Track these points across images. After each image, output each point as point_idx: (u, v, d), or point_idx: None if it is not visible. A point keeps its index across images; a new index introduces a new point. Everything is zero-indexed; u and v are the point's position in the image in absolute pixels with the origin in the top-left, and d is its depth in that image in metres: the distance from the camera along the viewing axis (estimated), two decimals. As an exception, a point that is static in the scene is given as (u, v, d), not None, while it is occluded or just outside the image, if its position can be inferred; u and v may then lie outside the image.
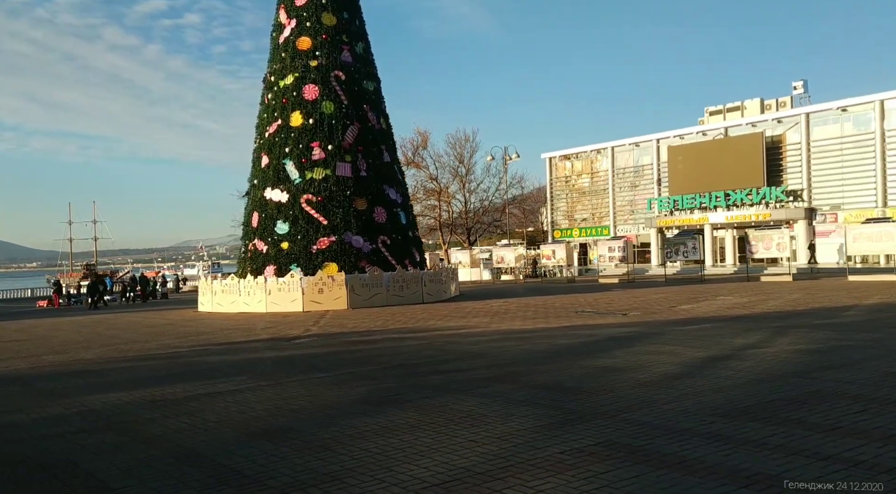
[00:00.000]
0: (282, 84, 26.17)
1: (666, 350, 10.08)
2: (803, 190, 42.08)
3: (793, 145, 43.19)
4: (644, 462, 4.71)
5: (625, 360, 9.29)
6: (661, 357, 9.42)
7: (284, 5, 26.99)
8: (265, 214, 25.32)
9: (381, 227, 25.41)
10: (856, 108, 40.49)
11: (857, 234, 25.62)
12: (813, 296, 19.32)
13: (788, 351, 9.47)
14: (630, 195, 51.83)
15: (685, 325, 13.57)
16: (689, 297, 20.98)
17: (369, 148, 25.98)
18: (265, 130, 26.28)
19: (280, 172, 25.30)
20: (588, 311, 17.73)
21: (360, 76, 26.73)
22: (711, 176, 44.99)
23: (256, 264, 25.14)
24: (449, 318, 17.56)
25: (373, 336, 14.31)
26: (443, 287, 26.32)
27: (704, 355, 9.47)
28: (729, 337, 11.31)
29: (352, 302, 23.11)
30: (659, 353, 9.76)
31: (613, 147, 52.56)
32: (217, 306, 25.26)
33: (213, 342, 14.66)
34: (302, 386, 8.63)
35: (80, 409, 7.76)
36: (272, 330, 16.77)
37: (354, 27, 27.25)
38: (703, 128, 48.21)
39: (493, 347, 11.47)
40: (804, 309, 15.84)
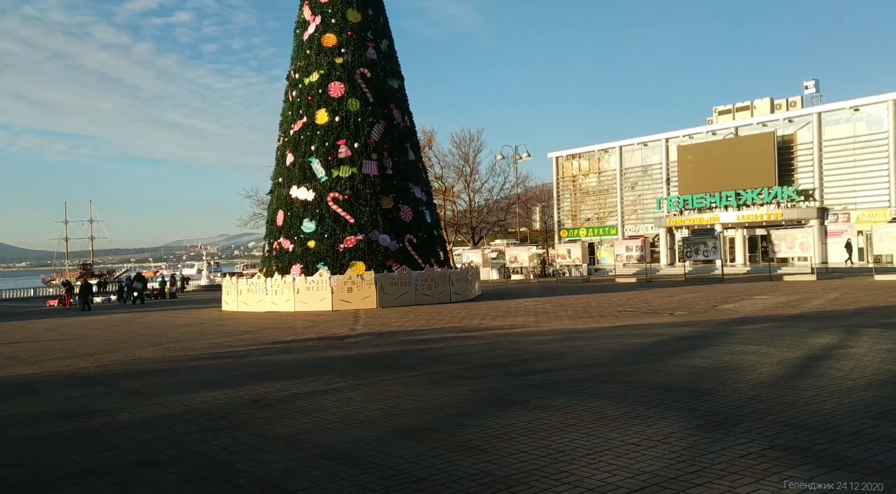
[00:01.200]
0: (307, 81, 25.98)
1: (751, 349, 9.99)
2: (815, 189, 42.22)
3: (804, 145, 43.33)
4: (838, 469, 4.60)
5: (718, 360, 9.19)
6: (752, 357, 9.34)
7: (308, 2, 26.79)
8: (291, 212, 25.13)
9: (408, 226, 25.28)
10: (868, 108, 40.66)
11: (883, 234, 25.69)
12: (853, 296, 19.31)
13: (881, 351, 9.40)
14: (638, 194, 51.85)
15: (744, 325, 13.50)
16: (724, 297, 20.94)
17: (395, 146, 25.84)
18: (290, 128, 26.08)
19: (306, 170, 25.12)
20: (630, 311, 17.65)
21: (386, 74, 26.57)
22: (722, 175, 45.07)
23: (282, 263, 24.95)
24: (491, 317, 17.44)
25: (427, 335, 14.17)
26: (469, 286, 26.21)
27: (796, 355, 9.39)
28: (803, 336, 11.24)
29: (381, 301, 22.97)
30: (747, 353, 9.68)
31: (621, 146, 52.59)
32: (243, 305, 25.05)
33: (263, 341, 14.49)
34: (399, 384, 8.49)
35: (183, 409, 7.60)
36: (315, 329, 16.60)
37: (379, 24, 27.09)
38: (712, 127, 48.29)
39: (565, 347, 11.36)
40: (856, 309, 15.81)
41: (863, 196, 40.63)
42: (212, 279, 62.03)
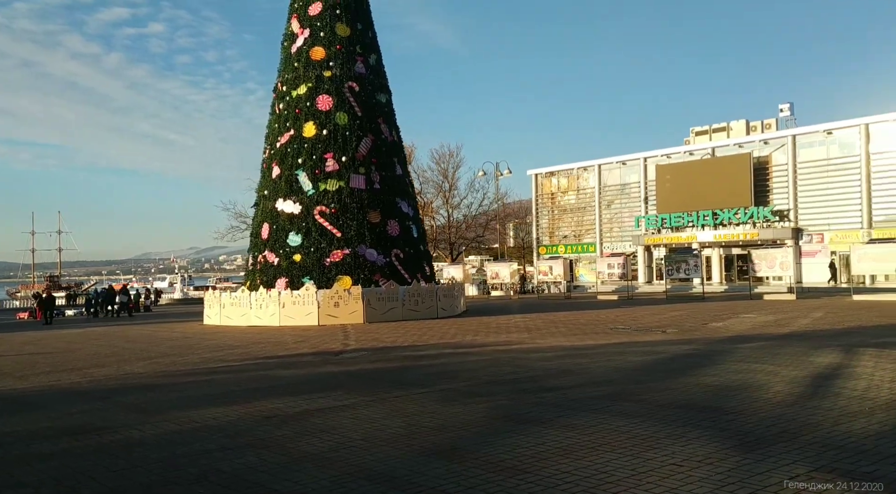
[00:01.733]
0: (294, 94, 25.82)
1: (757, 368, 10.04)
2: (790, 210, 42.98)
3: (779, 166, 44.14)
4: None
5: (728, 379, 9.21)
6: (761, 376, 9.37)
7: (297, 15, 26.70)
8: (276, 226, 24.84)
9: (395, 240, 25.14)
10: (841, 132, 41.60)
11: (861, 254, 26.20)
12: (837, 316, 19.60)
13: (888, 371, 9.50)
14: (615, 212, 52.33)
15: (740, 343, 13.59)
16: (711, 315, 21.12)
17: (382, 160, 25.74)
18: (276, 140, 25.85)
19: (293, 183, 24.88)
20: (621, 328, 17.70)
21: (374, 88, 26.52)
22: (699, 195, 45.67)
23: (267, 276, 24.61)
24: (483, 334, 17.34)
25: (424, 350, 14.02)
26: (455, 302, 26.12)
27: (804, 374, 9.45)
28: (804, 355, 11.33)
29: (368, 316, 22.76)
30: (754, 372, 9.71)
31: (600, 165, 53.06)
32: (226, 319, 24.61)
33: (257, 355, 14.21)
34: (412, 401, 8.34)
35: (194, 425, 7.37)
36: (307, 344, 16.35)
37: (368, 39, 27.08)
38: (690, 147, 48.99)
39: (569, 364, 11.30)
40: (845, 328, 16.03)
41: (836, 217, 41.44)
42: (186, 292, 61.02)
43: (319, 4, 26.25)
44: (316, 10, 26.25)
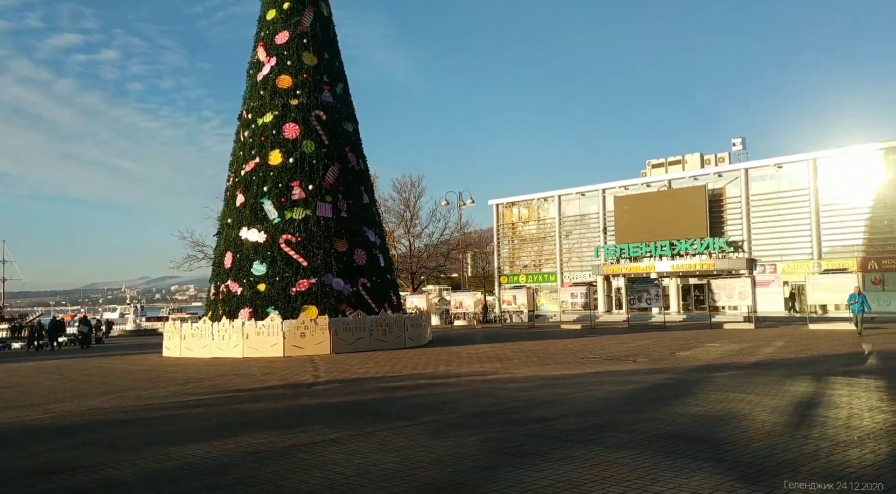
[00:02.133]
0: (260, 122, 25.60)
1: (736, 397, 10.14)
2: (744, 241, 44.17)
3: (733, 198, 45.44)
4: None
5: (712, 408, 9.27)
6: (743, 405, 9.45)
7: (264, 43, 26.60)
8: (240, 255, 24.38)
9: (362, 270, 24.90)
10: (790, 166, 43.13)
11: (816, 284, 26.99)
12: (798, 344, 20.04)
13: (862, 399, 9.70)
14: (574, 242, 53.00)
15: (713, 372, 13.75)
16: (677, 344, 21.39)
17: (349, 189, 25.61)
18: (241, 168, 25.51)
19: (258, 212, 24.53)
20: (592, 357, 17.76)
21: (341, 117, 26.50)
22: (656, 226, 46.61)
23: (230, 306, 24.04)
24: (456, 364, 17.19)
25: (399, 382, 13.80)
26: (423, 331, 25.92)
27: (784, 403, 9.57)
28: (777, 384, 11.50)
29: (335, 346, 22.38)
30: (735, 401, 9.80)
31: (560, 195, 53.82)
32: (186, 351, 23.89)
33: (226, 388, 13.78)
34: (399, 435, 8.15)
35: (174, 463, 7.04)
36: (275, 376, 15.94)
37: (335, 68, 27.12)
38: (647, 179, 50.12)
39: (550, 394, 11.23)
40: (809, 357, 16.39)
41: (788, 248, 42.74)
42: (138, 324, 59.16)
43: (286, 34, 26.22)
44: (283, 38, 26.20)
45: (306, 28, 26.42)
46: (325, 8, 27.59)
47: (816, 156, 42.20)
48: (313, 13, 26.83)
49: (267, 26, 26.73)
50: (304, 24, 26.44)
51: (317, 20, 26.84)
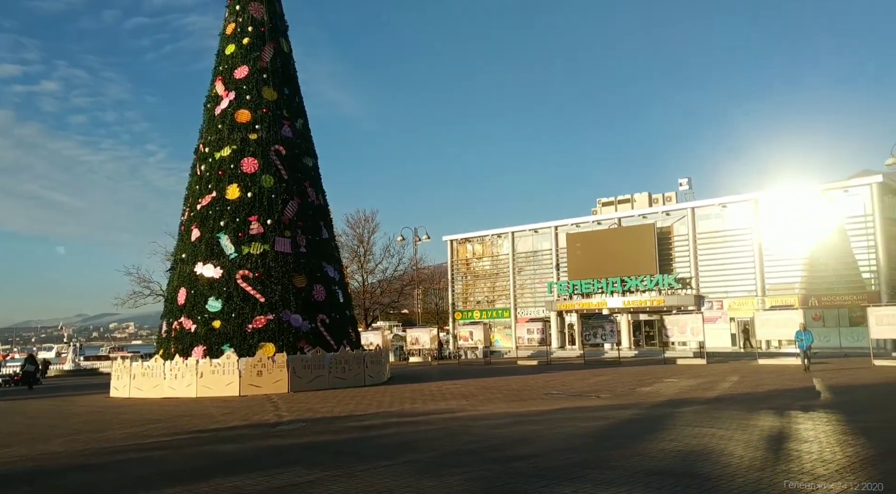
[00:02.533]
0: (217, 155, 25.29)
1: (708, 432, 10.31)
2: (692, 278, 45.38)
3: (680, 236, 46.79)
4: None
5: (687, 444, 9.39)
6: (716, 440, 9.61)
7: (222, 77, 26.44)
8: (195, 291, 23.79)
9: (320, 306, 24.59)
10: (734, 205, 44.79)
11: (764, 320, 27.85)
12: (753, 379, 20.58)
13: (827, 432, 9.99)
14: (529, 278, 53.54)
15: (678, 407, 13.98)
16: (636, 380, 21.68)
17: (308, 223, 25.43)
18: (197, 202, 25.06)
19: (214, 247, 24.06)
20: (556, 394, 17.83)
21: (301, 152, 26.41)
22: (608, 262, 47.54)
23: (183, 344, 23.34)
24: (421, 401, 17.00)
25: (369, 420, 13.55)
26: (382, 368, 25.64)
27: (755, 437, 9.77)
28: (743, 419, 11.76)
29: (293, 385, 21.90)
30: (707, 436, 9.96)
31: (514, 232, 54.48)
32: (136, 391, 22.99)
33: (186, 429, 13.29)
34: (382, 475, 7.98)
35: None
36: (236, 416, 15.47)
37: (295, 103, 27.11)
38: (598, 217, 51.25)
39: (524, 431, 11.21)
40: (766, 392, 16.83)
41: (733, 285, 44.08)
42: (77, 363, 56.66)
43: (246, 68, 26.14)
44: (242, 73, 26.10)
45: (266, 63, 26.41)
46: (285, 44, 27.68)
47: (758, 197, 43.94)
48: (273, 49, 26.87)
49: (226, 60, 26.61)
50: (265, 59, 26.43)
51: (277, 55, 26.88)
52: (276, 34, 27.24)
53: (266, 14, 27.08)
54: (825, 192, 41.56)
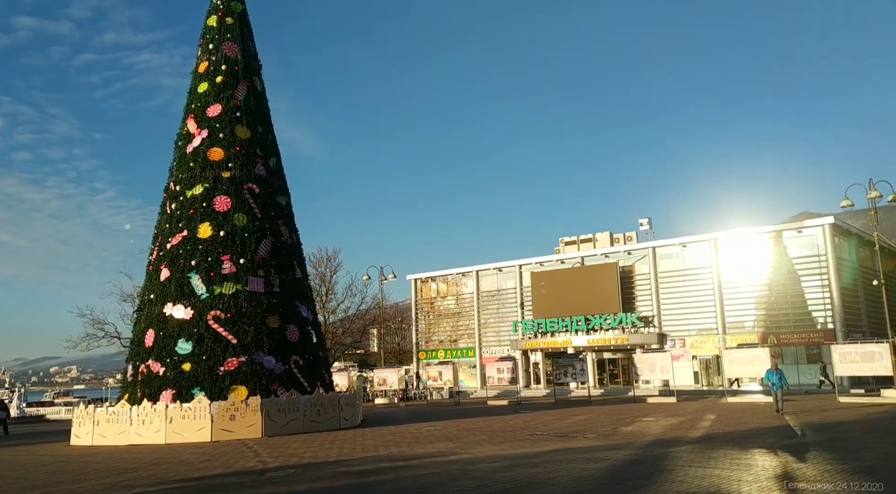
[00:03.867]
0: (189, 194, 24.84)
1: (713, 473, 10.35)
2: (654, 316, 46.11)
3: (642, 275, 47.65)
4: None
5: (699, 485, 9.40)
6: (725, 482, 9.65)
7: (194, 115, 26.14)
8: (164, 332, 23.05)
9: (294, 347, 24.10)
10: (694, 245, 45.94)
11: (732, 358, 28.37)
12: (730, 418, 20.84)
13: (828, 473, 10.13)
14: (493, 317, 53.60)
15: (669, 447, 14.03)
16: (614, 419, 21.72)
17: (282, 263, 25.05)
18: (167, 241, 24.46)
19: (184, 287, 23.44)
20: (541, 434, 17.72)
21: (274, 190, 26.16)
22: (572, 301, 48.01)
23: (150, 388, 22.48)
24: (406, 444, 16.67)
25: (360, 465, 13.19)
26: (356, 411, 25.12)
27: (763, 477, 9.84)
28: (741, 458, 11.88)
29: (268, 429, 21.27)
30: (714, 477, 10.00)
31: (478, 271, 54.70)
32: (100, 438, 21.95)
33: (169, 479, 12.71)
34: (403, 526, 7.75)
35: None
36: (216, 463, 14.88)
37: (268, 141, 26.93)
38: (561, 256, 51.88)
39: (528, 474, 11.06)
40: (748, 430, 17.07)
41: (695, 323, 44.94)
42: (21, 409, 54.03)
43: (219, 106, 25.93)
44: (215, 111, 25.87)
45: (240, 101, 26.25)
46: (258, 83, 27.61)
47: (717, 237, 45.16)
48: (247, 87, 26.77)
49: (198, 99, 26.36)
50: (238, 97, 26.28)
51: (250, 94, 26.77)
52: (250, 73, 27.17)
53: (240, 53, 27.03)
54: (780, 233, 43.02)
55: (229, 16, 27.37)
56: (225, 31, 27.05)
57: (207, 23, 27.53)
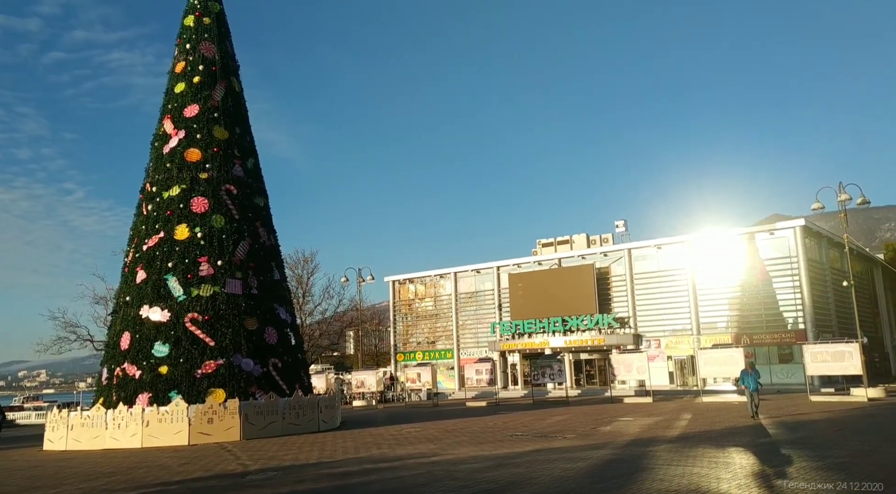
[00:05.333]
0: (165, 195, 24.58)
1: (694, 472, 10.53)
2: (630, 317, 46.60)
3: (618, 277, 48.12)
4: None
5: (680, 483, 9.57)
6: (705, 480, 9.83)
7: (171, 116, 25.87)
8: (140, 335, 22.78)
9: (273, 349, 23.95)
10: (669, 247, 46.53)
11: (707, 358, 28.80)
12: (705, 417, 21.16)
13: (804, 469, 10.37)
14: (471, 318, 53.74)
15: (647, 446, 14.23)
16: (592, 419, 21.94)
17: (260, 264, 24.89)
18: (143, 243, 24.19)
19: (161, 289, 23.20)
20: (521, 435, 17.85)
21: (252, 191, 25.99)
22: (549, 302, 48.31)
23: (126, 392, 22.20)
24: (387, 446, 16.69)
25: (342, 467, 13.19)
26: (336, 413, 25.04)
27: (741, 474, 10.05)
28: (718, 456, 12.10)
29: (246, 432, 21.13)
30: (695, 476, 10.18)
31: (456, 272, 54.80)
32: (74, 443, 21.62)
33: (149, 483, 12.59)
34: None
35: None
36: (196, 466, 14.77)
37: (246, 142, 26.75)
38: (539, 258, 52.20)
39: (511, 475, 11.14)
40: (723, 429, 17.38)
41: (670, 323, 45.49)
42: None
43: (196, 107, 25.69)
44: (192, 112, 25.63)
45: (217, 102, 26.04)
46: (236, 83, 27.41)
47: (691, 239, 45.76)
48: (224, 88, 26.56)
49: (175, 99, 26.09)
50: (215, 98, 26.07)
51: (228, 95, 26.57)
52: (228, 73, 26.97)
53: (217, 53, 26.81)
54: (753, 235, 43.74)
55: (207, 16, 27.15)
56: (202, 31, 26.83)
57: (184, 22, 27.29)
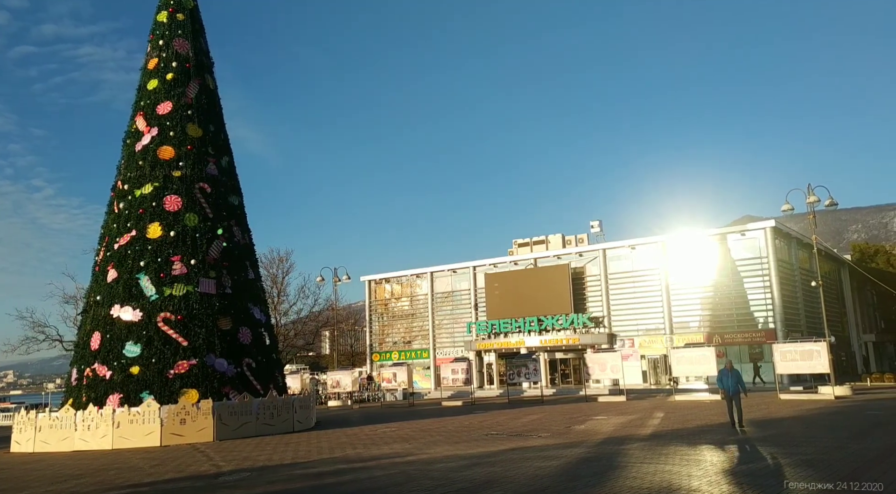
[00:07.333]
0: (137, 193, 24.27)
1: (666, 469, 10.66)
2: (604, 317, 47.01)
3: (593, 277, 48.51)
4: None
5: (653, 480, 9.67)
6: (678, 478, 9.95)
7: (143, 113, 25.56)
8: (111, 335, 22.47)
9: (247, 349, 23.76)
10: (643, 247, 47.02)
11: (679, 357, 29.15)
12: (677, 415, 21.41)
13: (779, 466, 10.54)
14: (448, 318, 53.79)
15: (621, 444, 14.36)
16: (567, 418, 22.08)
17: (234, 264, 24.68)
18: (114, 242, 23.85)
19: (132, 288, 22.88)
20: (496, 434, 17.90)
21: (226, 190, 25.75)
22: (525, 302, 48.55)
23: (96, 392, 21.88)
24: (362, 446, 16.64)
25: (316, 467, 13.12)
26: (310, 413, 24.91)
27: (713, 471, 10.18)
28: (690, 454, 12.25)
29: (219, 433, 20.93)
30: (667, 473, 10.30)
31: (432, 272, 54.82)
32: (41, 445, 21.26)
33: (119, 484, 12.41)
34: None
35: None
36: (166, 467, 14.59)
37: (220, 140, 26.50)
38: (515, 258, 52.43)
39: (486, 473, 11.18)
40: (696, 427, 17.59)
41: (643, 323, 45.98)
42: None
43: (170, 104, 25.39)
44: (165, 109, 25.33)
45: (191, 99, 25.77)
46: (210, 81, 27.13)
47: (665, 239, 46.29)
48: (199, 85, 26.28)
49: (147, 96, 25.77)
50: (189, 95, 25.79)
51: (202, 92, 26.29)
52: (202, 70, 26.69)
53: (191, 50, 26.52)
54: (725, 236, 44.36)
55: (180, 12, 26.84)
56: (176, 28, 26.52)
57: (157, 18, 26.96)
